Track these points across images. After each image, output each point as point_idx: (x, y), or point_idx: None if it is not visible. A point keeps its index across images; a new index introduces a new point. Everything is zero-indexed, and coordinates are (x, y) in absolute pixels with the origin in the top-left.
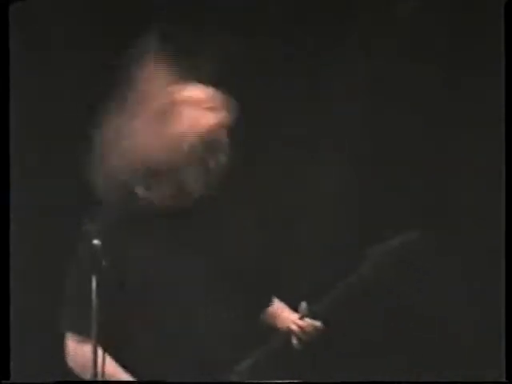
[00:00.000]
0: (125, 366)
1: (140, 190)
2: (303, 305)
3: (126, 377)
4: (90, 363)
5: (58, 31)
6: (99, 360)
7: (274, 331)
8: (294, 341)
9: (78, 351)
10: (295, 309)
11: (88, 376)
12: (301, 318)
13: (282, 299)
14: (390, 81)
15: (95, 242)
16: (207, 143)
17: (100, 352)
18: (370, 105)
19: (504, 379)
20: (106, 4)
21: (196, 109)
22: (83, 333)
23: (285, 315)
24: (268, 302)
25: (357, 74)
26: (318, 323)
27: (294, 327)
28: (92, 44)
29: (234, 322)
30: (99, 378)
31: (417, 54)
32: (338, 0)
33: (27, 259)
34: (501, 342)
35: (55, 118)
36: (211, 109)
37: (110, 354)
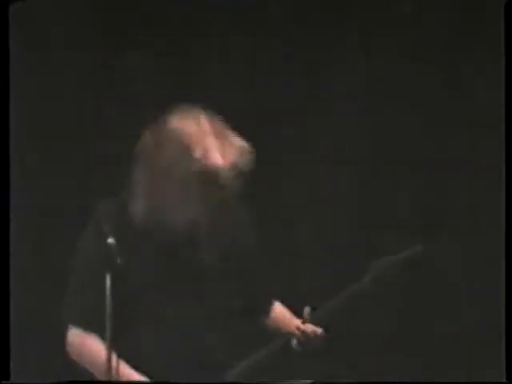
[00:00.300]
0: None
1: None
2: (306, 309)
3: (136, 376)
4: (89, 355)
5: (57, 31)
6: (111, 357)
7: (275, 334)
8: (294, 342)
9: (79, 343)
10: (296, 310)
11: (87, 366)
12: (303, 323)
13: (283, 299)
14: (390, 81)
15: (110, 240)
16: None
17: (110, 349)
18: (370, 105)
19: (504, 379)
20: (106, 4)
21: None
22: (85, 326)
23: (287, 319)
24: (269, 304)
25: (357, 73)
26: (319, 330)
27: (296, 331)
28: (92, 44)
29: (234, 323)
30: (113, 376)
31: (417, 54)
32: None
33: (27, 259)
34: (501, 341)
35: (55, 118)
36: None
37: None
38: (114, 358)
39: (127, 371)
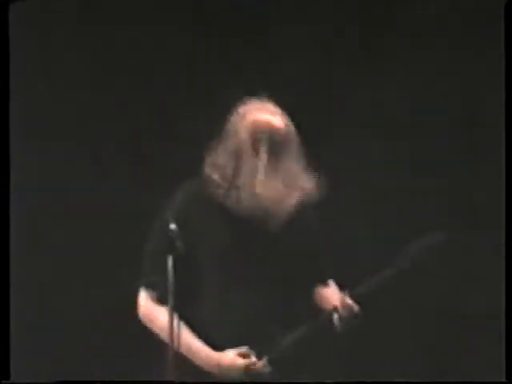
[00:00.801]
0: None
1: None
2: (346, 291)
3: (197, 343)
4: (156, 318)
5: (58, 31)
6: (175, 326)
7: (320, 309)
8: (335, 317)
9: (148, 306)
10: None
11: (155, 330)
12: (343, 300)
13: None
14: (389, 81)
15: (172, 226)
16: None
17: (176, 319)
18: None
19: (504, 379)
20: (106, 4)
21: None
22: (154, 290)
23: (335, 295)
24: (325, 278)
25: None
26: (356, 307)
27: (338, 305)
28: (92, 43)
29: (284, 299)
30: (175, 342)
31: (417, 54)
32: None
33: (27, 259)
34: (501, 341)
35: (55, 118)
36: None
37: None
38: (177, 326)
39: (189, 338)
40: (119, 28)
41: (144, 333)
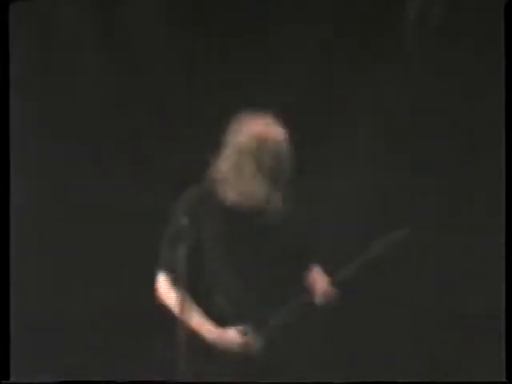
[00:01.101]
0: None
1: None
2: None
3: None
4: (171, 297)
5: (57, 31)
6: (185, 306)
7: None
8: (318, 298)
9: (164, 287)
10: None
11: (171, 307)
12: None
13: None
14: (390, 81)
15: (182, 220)
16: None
17: (186, 300)
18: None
19: (504, 379)
20: (106, 4)
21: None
22: (170, 274)
23: (317, 280)
24: (310, 265)
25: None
26: (331, 290)
27: (320, 289)
28: (92, 44)
29: (276, 281)
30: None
31: (417, 54)
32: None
33: (27, 259)
34: (501, 341)
35: (55, 118)
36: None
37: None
38: (187, 305)
39: (198, 315)
40: (119, 28)
41: (144, 333)
